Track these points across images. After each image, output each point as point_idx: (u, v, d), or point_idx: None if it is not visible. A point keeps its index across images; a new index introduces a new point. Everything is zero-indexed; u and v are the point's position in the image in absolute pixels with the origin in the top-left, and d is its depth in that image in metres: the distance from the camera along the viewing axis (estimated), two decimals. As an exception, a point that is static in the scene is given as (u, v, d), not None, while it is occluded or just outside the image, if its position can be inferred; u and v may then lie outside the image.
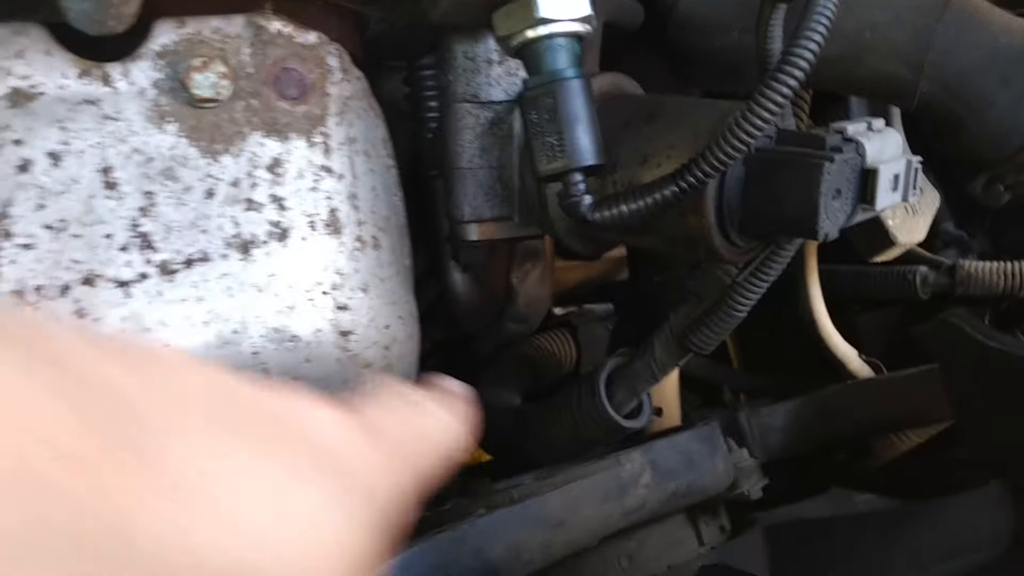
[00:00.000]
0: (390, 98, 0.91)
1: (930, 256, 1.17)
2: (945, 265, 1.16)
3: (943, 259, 1.17)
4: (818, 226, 0.60)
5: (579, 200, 0.62)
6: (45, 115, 0.56)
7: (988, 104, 0.69)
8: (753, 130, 0.58)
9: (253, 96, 0.60)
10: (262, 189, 0.60)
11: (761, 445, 0.95)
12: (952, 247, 1.26)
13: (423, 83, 0.82)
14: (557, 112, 0.61)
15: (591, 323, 1.26)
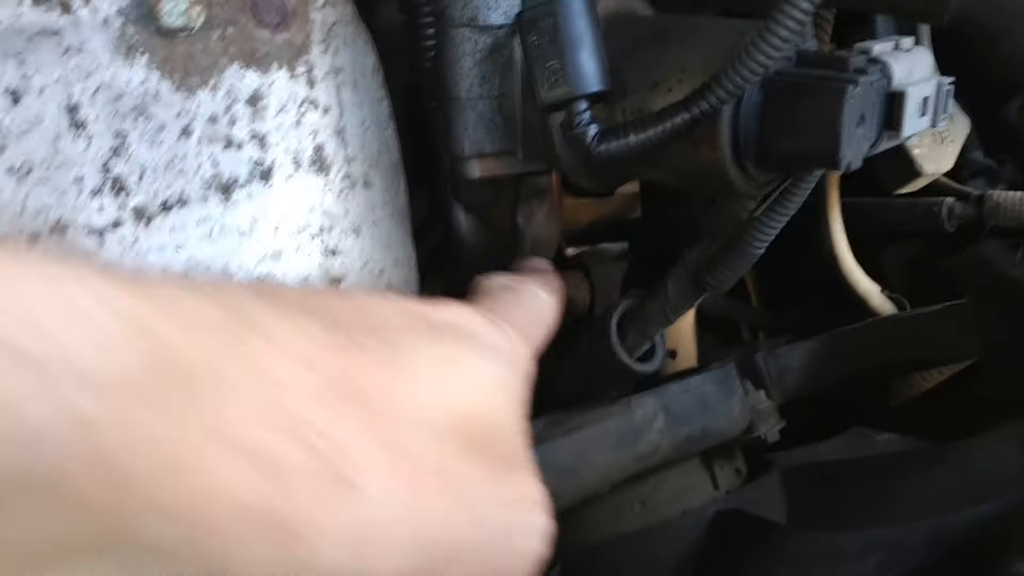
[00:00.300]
0: (386, 26, 0.86)
1: (957, 186, 1.13)
2: (973, 195, 1.11)
3: (970, 189, 1.12)
4: (840, 156, 0.55)
5: (584, 130, 0.58)
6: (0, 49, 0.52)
7: None
8: (771, 51, 0.53)
9: (229, 24, 0.56)
10: (242, 125, 0.56)
11: (779, 386, 0.92)
12: (981, 176, 1.21)
13: (419, 9, 0.77)
14: (558, 34, 0.57)
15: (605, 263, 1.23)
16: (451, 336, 0.47)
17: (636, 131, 0.57)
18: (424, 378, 0.43)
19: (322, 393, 0.38)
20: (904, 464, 0.87)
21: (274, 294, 0.41)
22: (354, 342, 0.41)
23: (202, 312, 0.36)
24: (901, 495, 0.82)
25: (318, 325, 0.40)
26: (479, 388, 0.46)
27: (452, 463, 0.43)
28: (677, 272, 0.83)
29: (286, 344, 0.38)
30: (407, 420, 0.41)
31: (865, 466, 0.92)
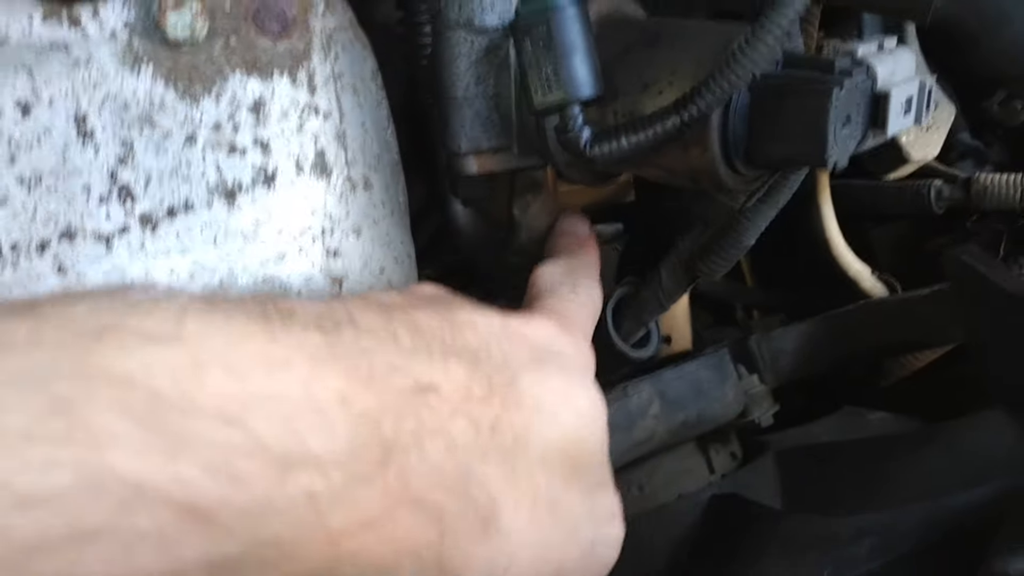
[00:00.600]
0: (384, 21, 0.88)
1: (944, 169, 1.14)
2: (960, 178, 1.13)
3: (958, 172, 1.14)
4: (827, 156, 0.57)
5: (577, 134, 0.60)
6: (10, 61, 0.53)
7: (1005, 19, 0.66)
8: (758, 57, 0.54)
9: (232, 33, 0.57)
10: (245, 132, 0.58)
11: (772, 370, 0.94)
12: (968, 158, 1.22)
13: (417, 7, 0.79)
14: (552, 41, 0.58)
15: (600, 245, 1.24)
16: (551, 364, 0.51)
17: (628, 134, 0.58)
18: (540, 414, 0.48)
19: (479, 445, 0.44)
20: (896, 446, 0.89)
21: (422, 336, 0.46)
22: (492, 386, 0.46)
23: (392, 382, 0.42)
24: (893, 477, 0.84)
25: (464, 368, 0.46)
26: (579, 418, 0.51)
27: (560, 493, 0.48)
28: (670, 260, 0.85)
29: (450, 397, 0.44)
30: (532, 459, 0.47)
31: (857, 448, 0.94)
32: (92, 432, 0.32)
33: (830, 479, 0.88)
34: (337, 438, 0.38)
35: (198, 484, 0.33)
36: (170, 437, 0.33)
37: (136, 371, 0.34)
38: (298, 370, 0.38)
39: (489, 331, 0.50)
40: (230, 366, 0.36)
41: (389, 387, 0.41)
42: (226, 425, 0.35)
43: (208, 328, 0.37)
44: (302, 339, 0.40)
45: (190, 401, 0.34)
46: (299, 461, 0.36)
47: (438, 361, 0.45)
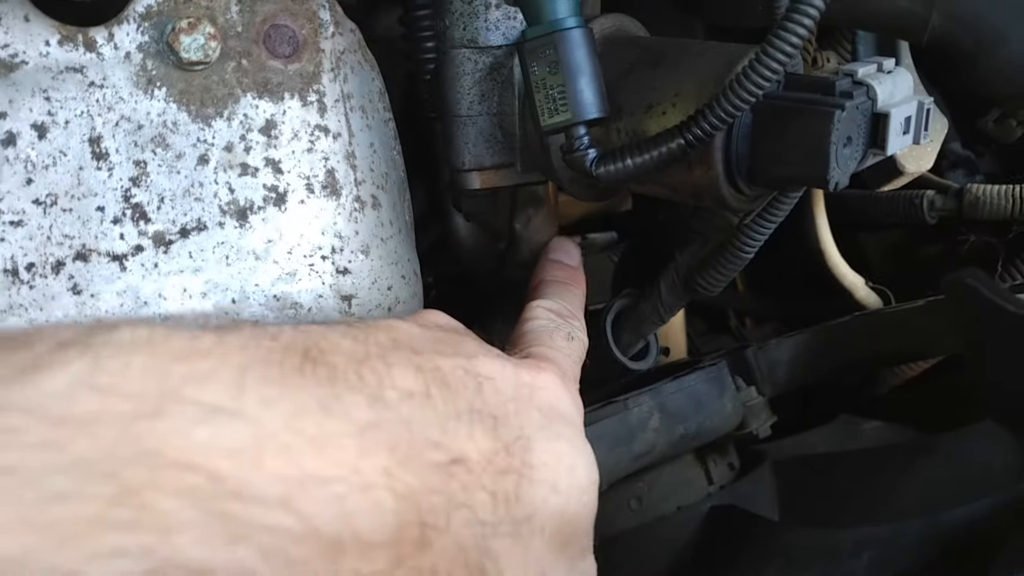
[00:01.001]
0: (386, 35, 0.89)
1: (937, 180, 1.15)
2: (952, 189, 1.14)
3: (950, 183, 1.15)
4: (828, 176, 0.58)
5: (583, 154, 0.61)
6: (28, 85, 0.54)
7: (1001, 39, 0.67)
8: (761, 81, 0.55)
9: (243, 56, 0.58)
10: (257, 152, 0.58)
11: (769, 381, 0.95)
12: (960, 168, 1.24)
13: (419, 23, 0.79)
14: (558, 64, 0.59)
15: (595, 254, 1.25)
16: (557, 426, 0.52)
17: (633, 155, 0.59)
18: (546, 485, 0.48)
19: (496, 518, 0.45)
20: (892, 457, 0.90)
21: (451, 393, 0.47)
22: (511, 455, 0.47)
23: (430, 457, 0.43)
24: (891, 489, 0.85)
25: (488, 436, 0.47)
26: (579, 490, 0.51)
27: (551, 565, 0.49)
28: (669, 274, 0.86)
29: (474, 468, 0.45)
30: (535, 529, 0.47)
31: (855, 459, 0.95)
32: (158, 519, 0.33)
33: (827, 491, 0.89)
34: (384, 519, 0.39)
35: (257, 570, 0.34)
36: (230, 522, 0.34)
37: (198, 452, 0.34)
38: (348, 449, 0.39)
39: (506, 387, 0.51)
40: (287, 447, 0.37)
41: (427, 463, 0.42)
42: (282, 510, 0.36)
43: (267, 401, 0.38)
44: (351, 410, 0.41)
45: (248, 484, 0.35)
46: (349, 545, 0.37)
47: (465, 427, 0.46)
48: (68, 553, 0.31)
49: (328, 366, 0.42)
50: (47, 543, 0.31)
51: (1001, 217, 1.11)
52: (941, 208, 1.15)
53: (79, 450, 0.32)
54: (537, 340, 0.61)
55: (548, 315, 0.65)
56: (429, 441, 0.43)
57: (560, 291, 0.70)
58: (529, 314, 0.65)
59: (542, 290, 0.70)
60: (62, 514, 0.31)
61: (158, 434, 0.34)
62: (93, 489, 0.32)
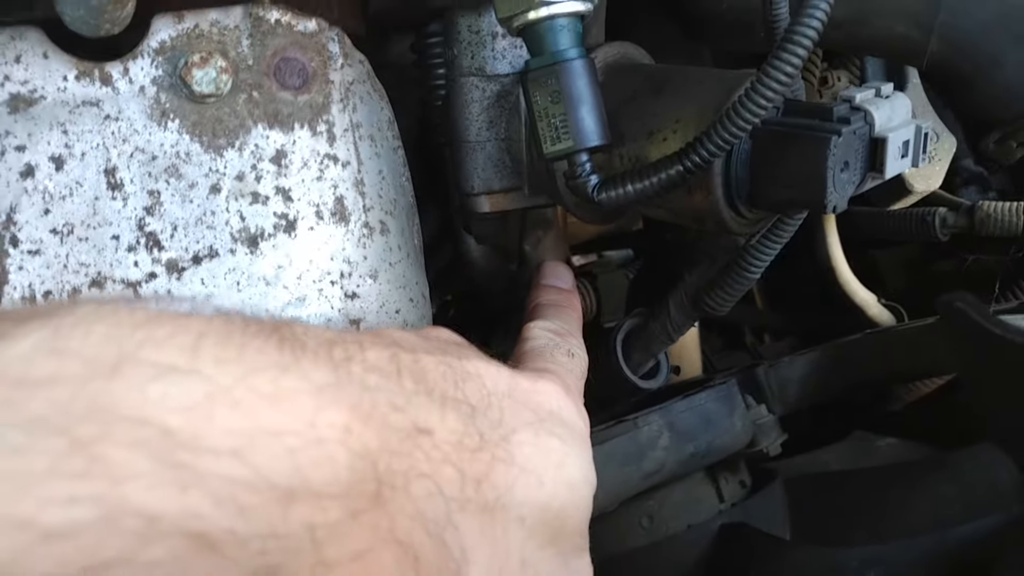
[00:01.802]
0: (398, 62, 0.90)
1: (948, 197, 1.16)
2: (964, 206, 1.15)
3: (961, 200, 1.16)
4: (827, 201, 0.59)
5: (586, 180, 0.62)
6: (46, 119, 0.56)
7: (1000, 63, 0.68)
8: (758, 109, 0.57)
9: (254, 88, 0.60)
10: (267, 181, 0.60)
11: (779, 399, 0.96)
12: (972, 184, 1.24)
13: (429, 51, 0.81)
14: (561, 93, 0.60)
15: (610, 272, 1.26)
16: (551, 428, 0.53)
17: (634, 181, 0.61)
18: (527, 476, 0.49)
19: (462, 495, 0.45)
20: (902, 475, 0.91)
21: (425, 381, 0.47)
22: (484, 441, 0.48)
23: (392, 421, 0.43)
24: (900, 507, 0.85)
25: (460, 419, 0.47)
26: (567, 487, 0.51)
27: (535, 556, 0.49)
28: (678, 294, 0.87)
29: (442, 444, 0.45)
30: (511, 517, 0.47)
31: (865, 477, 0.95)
32: (110, 468, 0.33)
33: (838, 508, 0.90)
34: (337, 473, 0.39)
35: (207, 515, 0.35)
36: (181, 472, 0.35)
37: (150, 408, 0.35)
38: (304, 405, 0.40)
39: (495, 387, 0.51)
40: (239, 401, 0.37)
41: (388, 426, 0.42)
42: (232, 460, 0.36)
43: (222, 361, 0.38)
44: (311, 372, 0.41)
45: (199, 437, 0.36)
46: (300, 495, 0.38)
47: (436, 407, 0.46)
48: (23, 503, 0.32)
49: (295, 341, 0.42)
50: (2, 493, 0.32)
51: (1012, 234, 1.11)
52: (953, 225, 1.15)
53: (34, 409, 0.34)
54: (538, 357, 0.62)
55: (546, 335, 0.66)
56: (393, 405, 0.43)
57: (556, 313, 0.71)
58: (527, 335, 0.66)
59: (538, 312, 0.71)
60: (16, 466, 0.33)
61: (111, 393, 0.35)
62: (46, 443, 0.33)
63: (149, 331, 0.37)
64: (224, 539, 0.35)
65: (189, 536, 0.34)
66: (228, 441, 0.36)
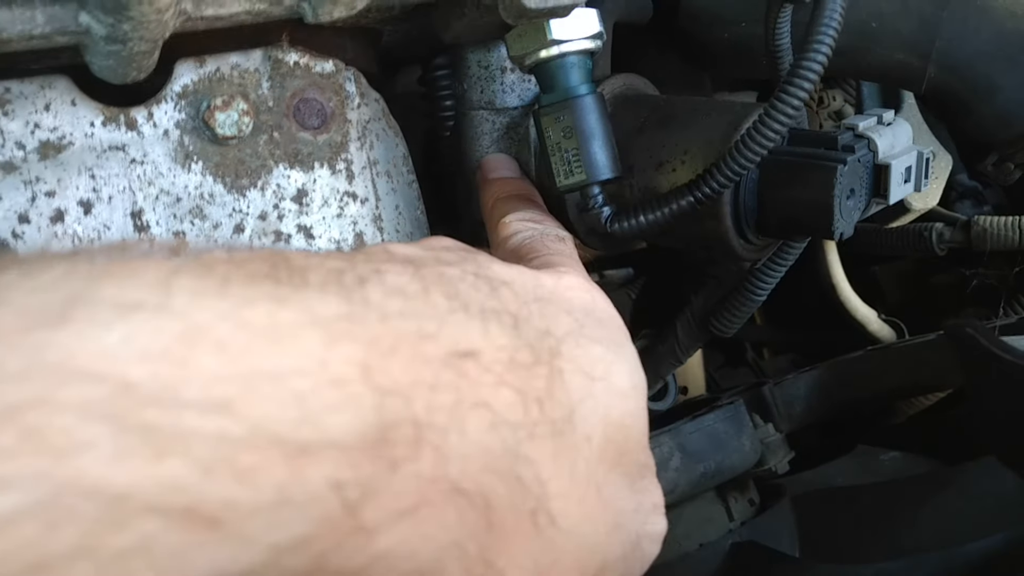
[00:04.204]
0: (405, 91, 0.92)
1: (945, 212, 1.18)
2: (960, 221, 1.17)
3: (958, 215, 1.18)
4: (834, 228, 0.61)
5: (598, 212, 0.64)
6: (75, 164, 0.57)
7: (996, 87, 0.70)
8: (766, 142, 0.58)
9: (275, 129, 0.61)
10: (289, 220, 0.62)
11: (786, 417, 0.97)
12: (967, 198, 1.26)
13: (438, 83, 0.83)
14: (573, 128, 0.62)
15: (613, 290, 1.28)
16: (590, 329, 0.46)
17: (645, 213, 0.62)
18: (583, 389, 0.43)
19: (528, 421, 0.39)
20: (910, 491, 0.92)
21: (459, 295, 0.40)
22: (537, 354, 0.41)
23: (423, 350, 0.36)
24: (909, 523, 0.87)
25: (506, 333, 0.40)
26: (619, 395, 0.45)
27: (606, 478, 0.43)
28: (685, 316, 0.89)
29: (493, 366, 0.38)
30: (579, 439, 0.42)
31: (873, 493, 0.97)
32: (52, 440, 0.27)
33: (846, 525, 0.91)
34: (362, 417, 0.33)
35: (193, 486, 0.29)
36: (151, 435, 0.28)
37: (108, 358, 0.29)
38: (309, 340, 0.32)
39: (526, 292, 0.44)
40: (223, 341, 0.30)
41: (419, 356, 0.36)
42: (220, 414, 0.30)
43: (201, 293, 0.31)
44: (316, 302, 0.34)
45: (173, 389, 0.29)
46: (317, 448, 0.31)
47: (477, 322, 0.39)
48: None
49: (296, 271, 0.35)
50: None
51: (1009, 248, 1.13)
52: (950, 240, 1.17)
53: None
54: (534, 251, 0.57)
55: (527, 224, 0.60)
56: (423, 333, 0.36)
57: (521, 202, 0.65)
58: (507, 231, 0.60)
59: (503, 206, 0.64)
60: None
61: (56, 344, 0.28)
62: None
63: (111, 268, 0.31)
64: (222, 513, 0.29)
65: (172, 514, 0.28)
66: (214, 391, 0.30)
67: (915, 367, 0.98)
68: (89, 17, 0.46)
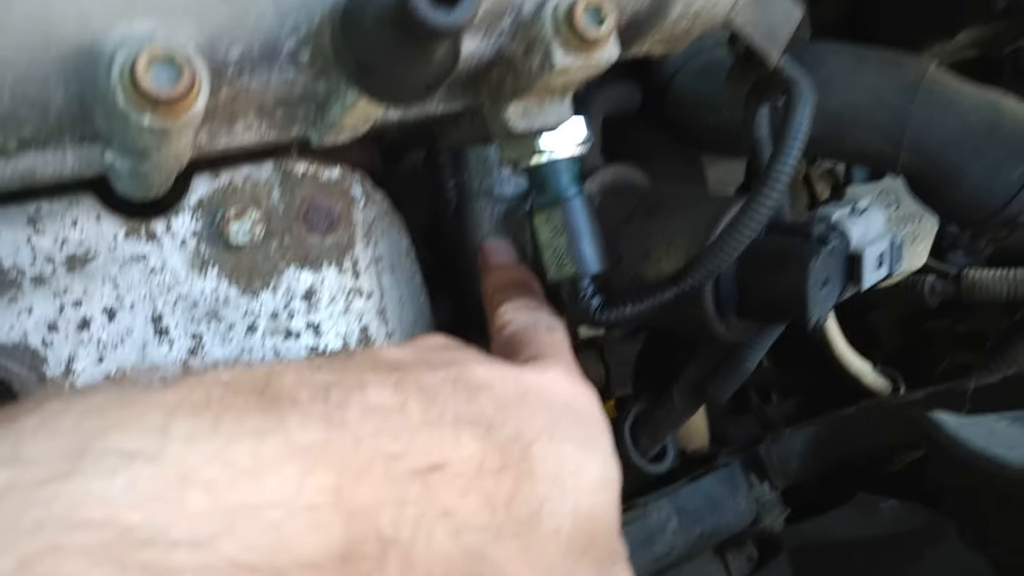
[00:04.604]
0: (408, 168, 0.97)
1: (936, 265, 1.22)
2: (951, 274, 1.21)
3: (948, 268, 1.21)
4: (809, 315, 0.65)
5: (588, 303, 0.68)
6: (99, 275, 0.62)
7: (964, 173, 0.74)
8: (744, 237, 0.62)
9: (286, 233, 0.66)
10: (299, 318, 0.66)
11: (781, 473, 1.01)
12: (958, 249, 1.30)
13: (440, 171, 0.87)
14: (563, 227, 0.66)
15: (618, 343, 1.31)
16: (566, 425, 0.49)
17: (632, 303, 0.66)
18: (553, 485, 0.45)
19: (494, 524, 0.42)
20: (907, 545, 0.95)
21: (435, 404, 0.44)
22: (505, 457, 0.44)
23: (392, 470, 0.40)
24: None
25: (476, 440, 0.43)
26: (591, 488, 0.48)
27: (575, 568, 0.45)
28: (681, 383, 0.93)
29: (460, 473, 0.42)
30: (547, 533, 0.44)
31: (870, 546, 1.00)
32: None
33: None
34: (331, 538, 0.36)
35: None
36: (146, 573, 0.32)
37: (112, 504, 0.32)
38: (287, 471, 0.36)
39: (505, 393, 0.48)
40: (213, 481, 0.34)
41: (389, 474, 0.39)
42: (205, 548, 0.33)
43: (194, 437, 0.35)
44: (296, 433, 0.38)
45: (164, 529, 0.33)
46: (290, 570, 0.34)
47: (449, 433, 0.43)
48: None
49: (282, 397, 0.39)
50: None
51: (997, 300, 1.17)
52: (941, 292, 1.22)
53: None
54: (525, 343, 0.60)
55: (522, 315, 0.63)
56: (390, 454, 0.40)
57: (518, 291, 0.68)
58: (502, 321, 0.64)
59: (500, 296, 0.67)
60: None
61: (68, 494, 0.32)
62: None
63: (117, 415, 0.35)
64: None
65: None
66: (200, 528, 0.33)
67: (906, 424, 1.01)
68: (113, 156, 0.51)
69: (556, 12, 0.49)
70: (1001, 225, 0.74)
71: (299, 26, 0.47)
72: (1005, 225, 0.74)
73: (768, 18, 0.60)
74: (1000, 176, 0.73)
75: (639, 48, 0.60)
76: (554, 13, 0.50)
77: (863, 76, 0.76)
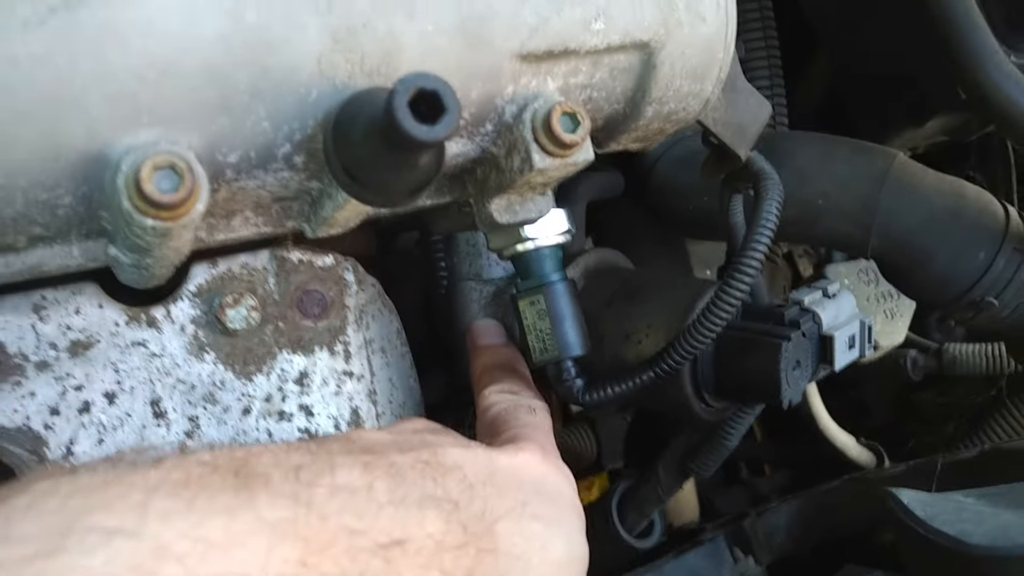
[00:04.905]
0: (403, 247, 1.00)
1: (918, 340, 1.25)
2: (932, 349, 1.24)
3: (930, 343, 1.25)
4: (781, 396, 0.68)
5: (571, 384, 0.70)
6: (101, 360, 0.64)
7: (931, 257, 0.77)
8: (719, 321, 0.65)
9: (280, 319, 0.68)
10: (292, 400, 0.68)
11: (766, 548, 1.02)
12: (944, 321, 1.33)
13: (432, 254, 0.90)
14: (546, 312, 0.69)
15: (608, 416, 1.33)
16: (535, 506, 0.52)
17: (613, 385, 0.69)
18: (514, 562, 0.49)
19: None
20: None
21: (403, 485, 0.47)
22: (467, 534, 0.48)
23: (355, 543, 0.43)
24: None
25: (440, 518, 0.47)
26: (556, 566, 0.52)
27: None
28: (666, 460, 0.95)
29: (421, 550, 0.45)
30: None
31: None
32: None
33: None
34: None
35: None
36: None
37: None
38: (256, 546, 0.40)
39: (475, 475, 0.51)
40: (184, 554, 0.37)
41: (351, 548, 0.43)
42: None
43: (169, 515, 0.38)
44: (265, 510, 0.41)
45: None
46: None
47: (414, 511, 0.46)
48: None
49: (256, 476, 0.42)
50: None
51: (977, 374, 1.20)
52: (924, 366, 1.25)
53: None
54: (504, 424, 0.63)
55: (504, 397, 0.67)
56: (353, 530, 0.43)
57: (504, 373, 0.71)
58: (485, 403, 0.67)
59: (486, 378, 0.71)
60: None
61: (53, 571, 0.35)
62: None
63: (100, 495, 0.38)
64: None
65: None
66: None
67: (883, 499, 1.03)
68: (117, 250, 0.54)
69: (535, 118, 0.53)
70: (968, 307, 0.77)
71: (293, 133, 0.50)
72: (971, 307, 0.77)
73: (738, 117, 0.63)
74: (964, 260, 0.76)
75: (616, 146, 0.63)
76: (532, 118, 0.53)
77: (834, 165, 0.80)
